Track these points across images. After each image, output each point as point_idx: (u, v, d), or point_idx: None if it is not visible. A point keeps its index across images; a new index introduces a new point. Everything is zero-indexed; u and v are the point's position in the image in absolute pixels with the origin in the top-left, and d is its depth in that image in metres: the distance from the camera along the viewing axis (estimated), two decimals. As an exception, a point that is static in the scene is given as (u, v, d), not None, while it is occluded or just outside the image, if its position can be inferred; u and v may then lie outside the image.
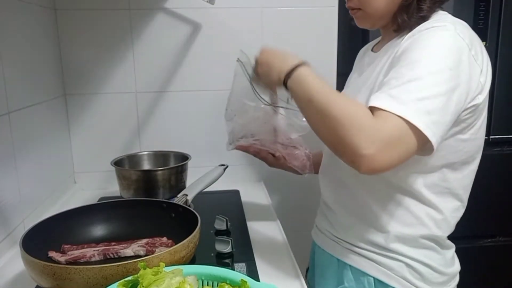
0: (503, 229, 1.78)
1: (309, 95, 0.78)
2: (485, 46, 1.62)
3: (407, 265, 0.88)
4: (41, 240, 0.87)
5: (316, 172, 1.06)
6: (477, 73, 0.79)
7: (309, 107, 0.79)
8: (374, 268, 0.90)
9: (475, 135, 0.85)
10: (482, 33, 1.62)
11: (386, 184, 0.87)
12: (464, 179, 0.89)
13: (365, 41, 1.44)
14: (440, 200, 0.87)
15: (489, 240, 1.78)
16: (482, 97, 0.81)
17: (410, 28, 0.83)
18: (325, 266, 1.00)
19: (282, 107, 0.96)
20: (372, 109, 0.74)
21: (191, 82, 1.48)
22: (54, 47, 1.37)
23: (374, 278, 0.90)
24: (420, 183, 0.85)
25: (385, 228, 0.88)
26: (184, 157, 1.32)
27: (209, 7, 1.39)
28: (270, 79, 0.87)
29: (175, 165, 1.28)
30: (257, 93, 0.95)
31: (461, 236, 0.96)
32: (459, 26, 0.80)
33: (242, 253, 0.98)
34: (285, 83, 0.83)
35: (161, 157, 1.39)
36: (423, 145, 0.73)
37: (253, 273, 0.88)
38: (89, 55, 1.41)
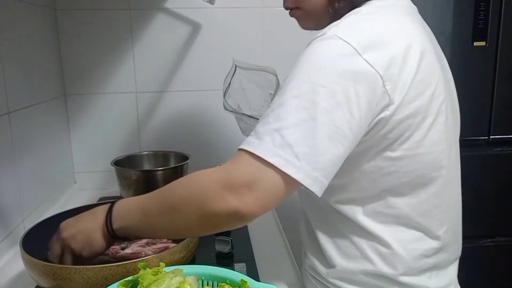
0: (503, 229, 1.79)
1: (140, 210, 0.69)
2: (485, 46, 1.63)
3: None
4: (41, 240, 0.87)
5: None
6: (374, 81, 0.63)
7: (148, 220, 0.69)
8: None
9: (413, 151, 0.69)
10: (482, 33, 1.62)
11: (332, 212, 0.77)
12: (421, 204, 0.73)
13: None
14: (386, 231, 0.73)
15: (489, 240, 1.78)
16: (394, 107, 0.65)
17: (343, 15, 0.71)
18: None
19: (244, 114, 0.96)
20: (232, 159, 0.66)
21: (191, 82, 1.48)
22: (54, 47, 1.37)
23: None
24: (357, 211, 0.74)
25: (330, 260, 0.78)
26: (184, 157, 1.32)
27: (209, 7, 1.39)
28: (94, 244, 0.74)
29: (175, 165, 1.28)
30: (224, 99, 0.94)
31: (432, 262, 0.93)
32: (353, 27, 0.66)
33: (242, 253, 0.98)
34: (113, 231, 0.72)
35: (161, 157, 1.39)
36: (293, 182, 0.62)
37: (253, 273, 0.88)
38: (89, 55, 1.41)
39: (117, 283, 0.64)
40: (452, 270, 0.82)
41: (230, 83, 0.95)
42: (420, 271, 0.76)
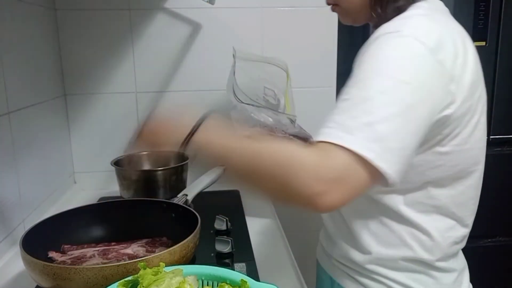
0: (503, 229, 1.79)
1: (224, 154, 0.70)
2: (485, 46, 1.63)
3: (389, 287, 0.82)
4: (41, 240, 0.87)
5: None
6: (443, 81, 0.68)
7: (233, 165, 0.70)
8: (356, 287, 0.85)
9: (461, 147, 0.74)
10: (482, 33, 1.62)
11: (368, 201, 0.80)
12: (459, 195, 0.78)
13: (365, 41, 1.44)
14: (426, 220, 0.78)
15: (489, 240, 1.78)
16: (455, 106, 0.69)
17: (387, 21, 0.74)
18: (322, 282, 0.97)
19: (258, 105, 0.93)
20: (318, 142, 0.65)
21: (191, 82, 1.48)
22: (54, 47, 1.37)
23: None
24: (398, 201, 0.78)
25: (365, 248, 0.82)
26: (184, 157, 1.32)
27: (209, 7, 1.39)
28: (170, 139, 0.76)
29: (175, 165, 1.28)
30: (234, 91, 0.92)
31: (461, 247, 0.95)
32: (424, 26, 0.70)
33: (242, 253, 0.98)
34: (188, 142, 0.73)
35: (161, 157, 1.39)
36: (380, 177, 0.63)
37: (253, 273, 0.88)
38: (89, 55, 1.41)
39: (117, 283, 0.64)
40: (462, 253, 0.90)
41: (233, 74, 0.94)
42: (450, 256, 0.82)
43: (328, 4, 0.87)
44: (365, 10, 0.80)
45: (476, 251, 1.71)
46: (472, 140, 0.75)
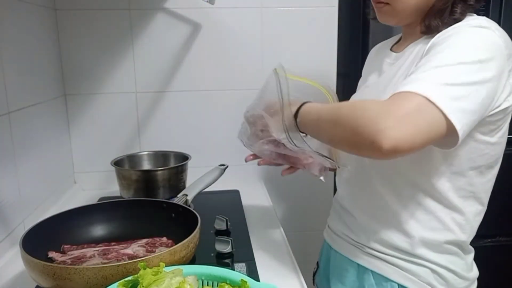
0: (503, 229, 1.78)
1: (317, 115, 0.79)
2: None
3: (433, 271, 0.86)
4: (41, 240, 0.87)
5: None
6: (507, 73, 0.75)
7: (319, 124, 0.79)
8: (398, 274, 0.87)
9: (502, 139, 0.83)
10: (482, 33, 1.62)
11: (412, 186, 0.84)
12: (487, 182, 0.87)
13: (365, 42, 1.44)
14: (465, 204, 0.85)
15: (489, 240, 1.78)
16: (511, 99, 0.78)
17: (438, 31, 0.80)
18: (343, 271, 0.97)
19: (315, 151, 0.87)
20: (395, 95, 0.70)
21: (191, 82, 1.48)
22: (54, 47, 1.37)
23: (398, 284, 0.87)
24: (447, 187, 0.83)
25: (410, 233, 0.85)
26: (184, 157, 1.32)
27: (209, 7, 1.39)
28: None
29: (175, 165, 1.28)
30: (287, 134, 0.84)
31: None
32: (496, 25, 0.77)
33: (242, 253, 0.98)
34: (296, 119, 0.83)
35: (161, 157, 1.39)
36: (446, 133, 0.68)
37: (253, 273, 0.88)
38: (89, 55, 1.41)
39: (117, 283, 0.64)
40: None
41: (282, 98, 0.85)
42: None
43: (379, 1, 0.87)
44: (415, 15, 0.84)
45: (476, 251, 1.70)
46: (506, 133, 0.84)
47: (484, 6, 1.60)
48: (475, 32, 0.75)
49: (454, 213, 0.84)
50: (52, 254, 0.89)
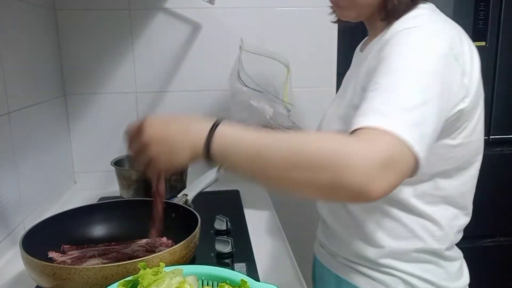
0: (503, 229, 1.78)
1: (256, 151, 0.62)
2: (485, 46, 1.63)
3: (404, 280, 0.82)
4: (41, 240, 0.87)
5: None
6: (458, 75, 0.71)
7: (263, 162, 0.62)
8: (370, 284, 0.85)
9: (468, 139, 0.78)
10: (482, 33, 1.62)
11: None
12: (462, 185, 0.82)
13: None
14: (434, 210, 0.81)
15: (489, 240, 1.78)
16: (468, 100, 0.73)
17: (398, 16, 0.76)
18: (325, 281, 0.97)
19: (260, 91, 0.94)
20: (356, 130, 0.63)
21: (191, 82, 1.48)
22: (54, 47, 1.37)
23: None
24: (409, 194, 0.79)
25: (377, 243, 0.83)
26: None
27: (209, 7, 1.39)
28: (177, 157, 0.67)
29: (175, 165, 1.28)
30: (239, 75, 0.93)
31: (461, 236, 0.95)
32: (438, 23, 0.73)
33: (242, 253, 0.98)
34: (208, 152, 0.64)
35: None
36: (415, 163, 0.62)
37: (253, 273, 0.88)
38: (89, 55, 1.41)
39: (117, 283, 0.64)
40: None
41: (240, 61, 0.94)
42: (454, 245, 0.86)
43: None
44: (374, 4, 0.80)
45: (476, 251, 1.71)
46: (476, 132, 0.79)
47: (484, 6, 1.60)
48: (415, 40, 0.70)
49: (422, 220, 0.81)
50: (52, 254, 0.89)
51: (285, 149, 0.61)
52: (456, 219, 0.84)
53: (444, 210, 0.82)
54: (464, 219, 0.85)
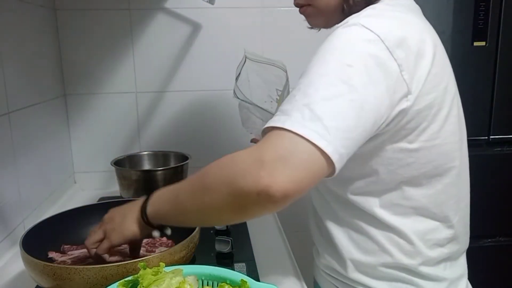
0: (503, 229, 1.78)
1: (174, 195, 0.71)
2: (485, 46, 1.63)
3: None
4: (41, 240, 0.87)
5: None
6: (394, 68, 0.64)
7: (180, 202, 0.70)
8: None
9: (431, 142, 0.71)
10: (482, 33, 1.62)
11: (342, 203, 0.78)
12: (437, 195, 0.75)
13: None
14: (404, 222, 0.74)
15: (489, 240, 1.78)
16: (413, 98, 0.66)
17: (356, 10, 0.73)
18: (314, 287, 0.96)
19: (255, 105, 0.95)
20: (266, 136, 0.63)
21: (191, 82, 1.48)
22: (54, 47, 1.37)
23: None
24: (374, 204, 0.74)
25: (345, 256, 0.79)
26: (184, 157, 1.32)
27: (209, 7, 1.39)
28: (127, 228, 0.78)
29: (175, 165, 1.28)
30: (236, 85, 0.94)
31: (446, 251, 0.94)
32: (371, 16, 0.68)
33: (242, 253, 0.98)
34: (146, 216, 0.75)
35: (161, 157, 1.39)
36: (328, 162, 0.59)
37: (253, 273, 0.88)
38: (89, 55, 1.41)
39: (117, 283, 0.64)
40: (463, 261, 0.85)
41: (240, 73, 0.95)
42: (437, 262, 0.77)
43: (298, 5, 0.83)
44: (339, 10, 0.77)
45: (476, 251, 1.71)
46: (443, 135, 0.72)
47: (484, 6, 1.60)
48: (337, 36, 0.67)
49: (388, 233, 0.75)
50: (52, 254, 0.89)
51: (193, 181, 0.68)
52: (434, 232, 0.76)
53: (418, 222, 0.75)
54: (446, 232, 0.77)
